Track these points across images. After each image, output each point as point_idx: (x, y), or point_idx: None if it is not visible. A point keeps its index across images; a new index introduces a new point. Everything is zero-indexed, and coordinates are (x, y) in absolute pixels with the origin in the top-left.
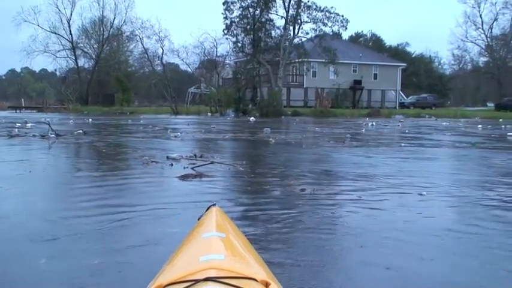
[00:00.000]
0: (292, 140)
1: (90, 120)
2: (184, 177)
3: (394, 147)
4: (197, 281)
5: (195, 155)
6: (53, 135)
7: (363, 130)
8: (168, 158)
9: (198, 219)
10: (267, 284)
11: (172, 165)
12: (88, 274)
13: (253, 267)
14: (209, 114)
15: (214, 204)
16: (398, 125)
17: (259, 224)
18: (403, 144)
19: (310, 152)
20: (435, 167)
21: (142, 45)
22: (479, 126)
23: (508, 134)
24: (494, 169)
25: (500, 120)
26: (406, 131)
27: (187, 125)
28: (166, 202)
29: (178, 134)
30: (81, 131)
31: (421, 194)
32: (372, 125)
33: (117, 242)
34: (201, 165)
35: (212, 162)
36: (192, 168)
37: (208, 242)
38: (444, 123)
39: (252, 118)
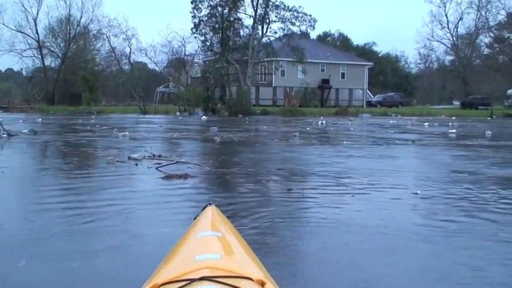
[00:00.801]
0: (237, 138)
1: (40, 120)
2: (168, 178)
3: (334, 145)
4: (193, 280)
5: (153, 155)
6: (5, 135)
7: (308, 128)
8: (129, 158)
9: (194, 219)
10: (262, 283)
11: (137, 165)
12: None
13: (249, 266)
14: (178, 113)
15: (210, 204)
16: (348, 124)
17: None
18: (345, 142)
19: (250, 150)
20: (365, 164)
21: (110, 44)
22: (426, 124)
23: (450, 131)
24: (428, 164)
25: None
26: (351, 129)
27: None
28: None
29: (126, 133)
30: (27, 131)
31: (415, 193)
32: (322, 123)
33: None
34: (166, 165)
35: (177, 162)
36: (157, 168)
37: (204, 241)
38: (391, 121)
39: (204, 117)
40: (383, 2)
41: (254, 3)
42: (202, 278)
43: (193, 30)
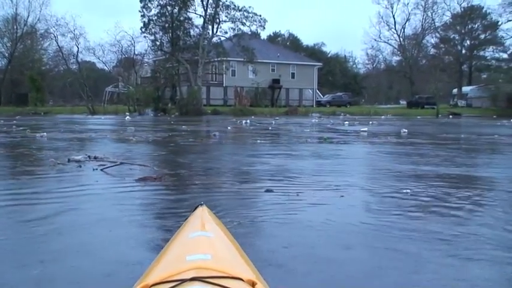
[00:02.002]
0: (155, 138)
1: None
2: (142, 180)
3: (248, 143)
4: (183, 281)
5: (89, 156)
6: None
7: (229, 128)
8: (69, 160)
9: (186, 219)
10: (253, 284)
11: (80, 166)
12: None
13: (240, 266)
14: (127, 113)
15: (201, 204)
16: (272, 122)
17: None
18: (258, 141)
19: (160, 149)
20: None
21: (57, 43)
22: (346, 122)
23: (361, 129)
24: (325, 159)
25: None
26: (270, 128)
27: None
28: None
29: (44, 134)
30: None
31: (406, 192)
32: (246, 122)
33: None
34: (110, 166)
35: (122, 163)
36: (102, 170)
37: (195, 241)
38: (313, 120)
39: (128, 117)
40: (332, 3)
41: (204, 3)
42: (193, 279)
43: (143, 30)
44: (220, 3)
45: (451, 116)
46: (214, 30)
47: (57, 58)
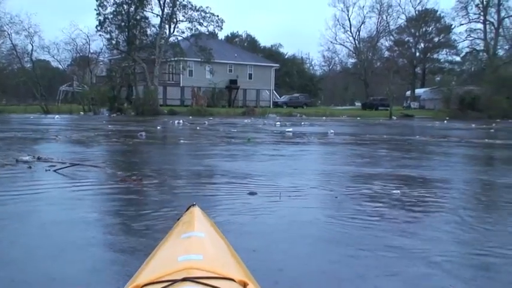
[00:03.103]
0: (78, 138)
1: None
2: (122, 181)
3: (169, 143)
4: (175, 281)
5: (38, 158)
6: None
7: (158, 128)
8: (17, 161)
9: (178, 219)
10: (244, 284)
11: (30, 167)
12: None
13: (232, 267)
14: (81, 113)
15: (194, 205)
16: (205, 123)
17: None
18: (181, 141)
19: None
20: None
21: (11, 41)
22: (278, 123)
23: (287, 130)
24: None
25: (358, 118)
26: (198, 128)
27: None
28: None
29: None
30: None
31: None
32: (179, 122)
33: None
34: (63, 168)
35: (73, 164)
36: (55, 171)
37: (187, 242)
38: (246, 121)
39: (57, 116)
40: (289, 5)
41: (161, 2)
42: (184, 279)
43: (98, 28)
44: (178, 2)
45: (394, 118)
46: (171, 30)
47: (11, 56)
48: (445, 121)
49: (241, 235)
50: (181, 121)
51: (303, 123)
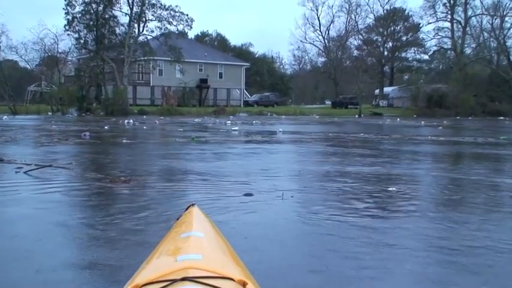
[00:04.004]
0: (23, 137)
1: None
2: (113, 182)
3: (110, 143)
4: (174, 281)
5: (1, 160)
6: None
7: (106, 127)
8: None
9: (177, 219)
10: (244, 284)
11: None
12: None
13: (231, 266)
14: (50, 113)
15: (193, 204)
16: (156, 122)
17: None
18: (124, 141)
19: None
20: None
21: None
22: (229, 122)
23: (233, 129)
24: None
25: (317, 117)
26: (144, 127)
27: None
28: None
29: None
30: None
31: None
32: (129, 122)
33: None
34: (36, 169)
35: (50, 166)
36: (26, 172)
37: (186, 241)
38: (197, 120)
39: (5, 117)
40: (259, 4)
41: (130, 1)
42: (183, 279)
43: (67, 27)
44: (146, 1)
45: (356, 116)
46: (141, 29)
47: None
48: (399, 120)
49: None
50: (131, 121)
51: (254, 121)
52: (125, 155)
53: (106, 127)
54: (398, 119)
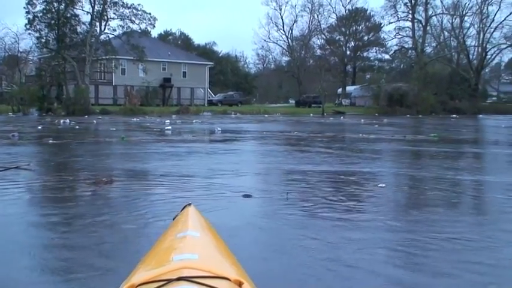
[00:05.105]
0: None
1: None
2: (96, 183)
3: (35, 144)
4: (170, 281)
5: None
6: None
7: (39, 127)
8: None
9: (173, 219)
10: (240, 283)
11: None
12: None
13: (227, 266)
14: (10, 114)
15: (189, 204)
16: (94, 122)
17: None
18: (50, 141)
19: None
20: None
21: None
22: (167, 121)
23: (166, 128)
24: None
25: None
26: (77, 127)
27: None
28: None
29: None
30: None
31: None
32: (65, 122)
33: None
34: (4, 170)
35: (18, 167)
36: None
37: (182, 241)
38: (135, 119)
39: None
40: (222, 3)
41: (91, 0)
42: (179, 278)
43: (28, 27)
44: (108, 0)
45: (312, 115)
46: (102, 28)
47: None
48: (385, 120)
49: None
50: (67, 120)
51: (194, 121)
52: (42, 154)
53: (39, 127)
54: (342, 117)
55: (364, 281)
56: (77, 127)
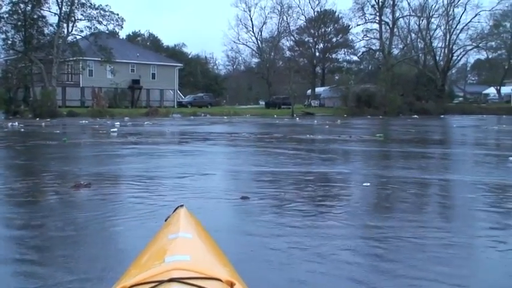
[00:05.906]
0: None
1: None
2: (76, 187)
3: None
4: (161, 282)
5: None
6: None
7: None
8: None
9: (165, 220)
10: (231, 284)
11: None
12: None
13: (219, 267)
14: None
15: (181, 206)
16: (42, 125)
17: None
18: None
19: None
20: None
21: None
22: (117, 123)
23: (112, 130)
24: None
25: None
26: (22, 130)
27: None
28: None
29: None
30: None
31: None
32: (13, 125)
33: None
34: None
35: None
36: None
37: (174, 242)
38: (83, 121)
39: None
40: (192, 4)
41: (59, 1)
42: (171, 280)
43: None
44: (76, 1)
45: (275, 115)
46: (70, 29)
47: None
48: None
49: None
50: (16, 123)
51: (146, 122)
52: None
53: None
54: (297, 119)
55: None
56: (22, 130)
